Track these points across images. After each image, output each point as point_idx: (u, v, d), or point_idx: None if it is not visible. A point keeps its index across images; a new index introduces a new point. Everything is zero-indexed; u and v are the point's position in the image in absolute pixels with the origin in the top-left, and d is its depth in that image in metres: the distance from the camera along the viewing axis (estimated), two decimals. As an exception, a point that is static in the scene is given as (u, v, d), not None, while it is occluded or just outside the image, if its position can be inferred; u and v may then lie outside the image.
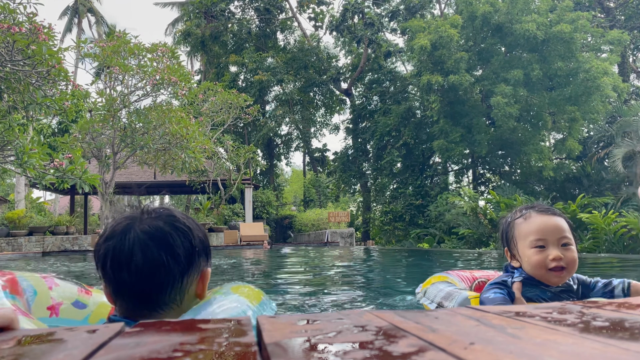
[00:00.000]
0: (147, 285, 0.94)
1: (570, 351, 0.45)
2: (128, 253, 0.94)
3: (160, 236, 0.96)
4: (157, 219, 0.99)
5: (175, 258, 0.95)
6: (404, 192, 20.31)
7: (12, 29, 6.76)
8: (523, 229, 1.50)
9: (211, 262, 1.08)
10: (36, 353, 0.50)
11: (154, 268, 0.94)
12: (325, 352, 0.47)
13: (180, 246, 0.96)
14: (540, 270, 1.47)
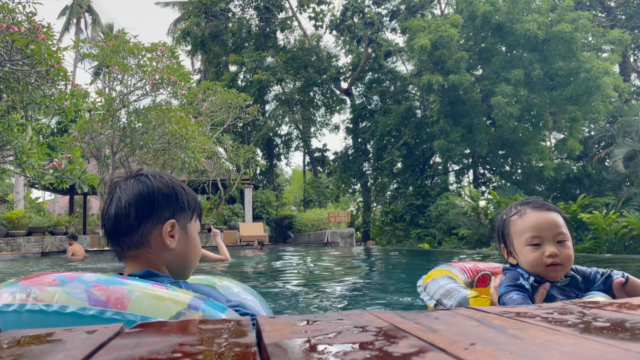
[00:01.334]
0: (115, 228, 1.17)
1: (571, 352, 0.45)
2: (107, 206, 1.20)
3: (127, 189, 1.19)
4: (132, 178, 1.22)
5: (135, 206, 1.16)
6: (404, 192, 20.31)
7: (11, 28, 6.76)
8: (518, 226, 1.50)
9: (187, 218, 1.24)
10: (36, 353, 0.50)
11: (119, 214, 1.17)
12: (325, 353, 0.47)
13: (140, 197, 1.17)
14: (537, 267, 1.47)
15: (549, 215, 1.47)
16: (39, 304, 0.92)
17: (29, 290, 0.95)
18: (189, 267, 1.28)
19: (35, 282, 0.98)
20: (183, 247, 1.23)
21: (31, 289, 0.95)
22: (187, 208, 1.25)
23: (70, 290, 0.94)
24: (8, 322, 0.91)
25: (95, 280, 0.97)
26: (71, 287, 0.95)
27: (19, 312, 0.92)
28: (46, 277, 0.99)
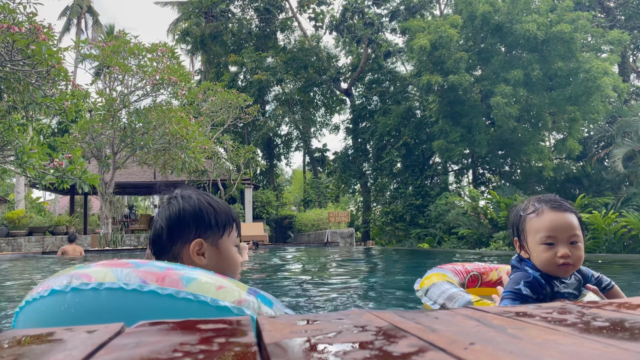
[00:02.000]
0: (154, 249, 1.28)
1: (570, 351, 0.45)
2: (151, 229, 1.31)
3: (162, 213, 1.29)
4: (167, 202, 1.31)
5: (167, 229, 1.25)
6: (404, 192, 20.31)
7: (12, 28, 6.76)
8: (534, 224, 1.51)
9: (216, 236, 1.29)
10: (36, 353, 0.50)
11: (155, 236, 1.28)
12: (325, 352, 0.47)
13: (169, 220, 1.26)
14: (549, 266, 1.49)
15: (565, 216, 1.47)
16: (117, 282, 0.94)
17: (106, 271, 0.98)
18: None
19: (111, 264, 1.01)
20: (215, 263, 1.27)
21: (108, 269, 0.98)
22: (216, 225, 1.29)
23: (145, 271, 0.98)
24: (85, 300, 0.94)
25: (167, 265, 1.03)
26: (146, 268, 0.99)
27: (97, 289, 0.94)
28: (121, 261, 1.03)
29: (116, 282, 0.95)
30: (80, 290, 0.94)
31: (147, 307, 0.94)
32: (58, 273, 1.03)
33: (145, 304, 0.94)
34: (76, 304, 0.94)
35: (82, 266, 1.03)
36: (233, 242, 1.33)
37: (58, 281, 0.98)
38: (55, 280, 0.99)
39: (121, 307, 0.93)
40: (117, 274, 0.97)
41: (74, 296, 0.95)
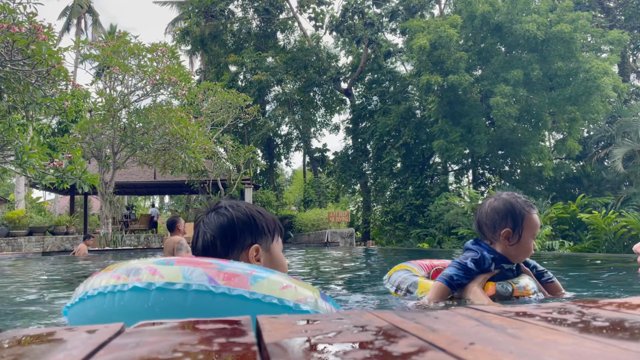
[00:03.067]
0: (198, 250, 1.30)
1: (570, 351, 0.45)
2: (195, 240, 1.32)
3: (210, 223, 1.30)
4: (213, 212, 1.33)
5: (220, 238, 1.28)
6: (404, 192, 20.30)
7: (12, 28, 6.76)
8: (533, 222, 1.84)
9: (267, 241, 1.33)
10: (36, 353, 0.50)
11: (207, 247, 1.29)
12: (325, 352, 0.47)
13: (222, 229, 1.28)
14: (528, 253, 1.88)
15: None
16: (206, 285, 0.93)
17: (192, 271, 0.96)
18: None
19: (196, 263, 0.98)
20: (269, 267, 1.29)
21: (194, 270, 0.96)
22: (267, 231, 1.35)
23: (234, 272, 0.98)
24: (173, 301, 0.92)
25: (250, 266, 1.04)
26: (233, 268, 0.99)
27: (185, 291, 0.93)
28: (206, 260, 1.02)
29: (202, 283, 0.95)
30: (165, 290, 0.93)
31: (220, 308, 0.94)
32: (125, 266, 1.02)
33: (218, 305, 0.94)
34: (161, 303, 0.93)
35: (162, 261, 1.01)
36: (280, 247, 1.39)
37: (137, 276, 0.96)
38: (135, 275, 0.97)
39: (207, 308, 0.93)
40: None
41: (159, 295, 0.93)
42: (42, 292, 3.49)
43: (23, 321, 2.18)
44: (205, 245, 1.29)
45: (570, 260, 5.81)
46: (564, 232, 11.66)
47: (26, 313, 2.42)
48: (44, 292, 3.48)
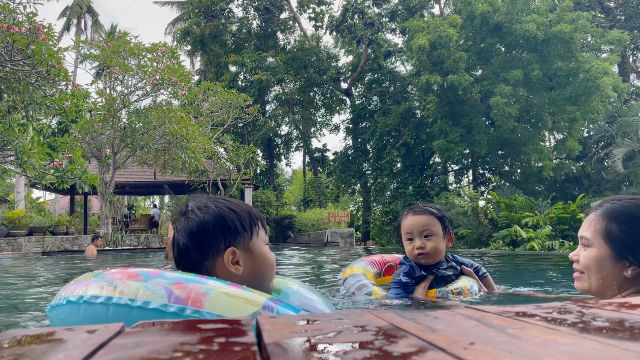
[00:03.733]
0: (183, 268, 1.20)
1: (570, 351, 0.45)
2: (172, 246, 1.24)
3: (181, 230, 1.21)
4: (184, 215, 1.23)
5: (192, 245, 1.19)
6: (404, 192, 20.31)
7: (12, 28, 6.76)
8: (402, 226, 1.99)
9: (245, 240, 1.23)
10: (36, 353, 0.50)
11: (181, 255, 1.21)
12: (325, 352, 0.47)
13: (193, 236, 1.19)
14: (411, 256, 1.97)
15: (419, 217, 1.94)
16: (124, 298, 0.95)
17: (115, 284, 0.98)
18: (266, 281, 1.27)
19: (121, 276, 1.01)
20: (252, 267, 1.23)
21: (117, 282, 0.99)
22: (243, 229, 1.23)
23: (152, 287, 0.97)
24: (95, 313, 0.96)
25: (176, 278, 1.00)
26: (153, 283, 0.97)
27: (106, 304, 0.96)
28: (131, 271, 1.02)
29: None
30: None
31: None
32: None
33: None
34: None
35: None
36: (263, 240, 1.28)
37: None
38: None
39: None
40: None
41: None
42: (42, 292, 3.50)
43: (23, 321, 2.18)
44: (180, 254, 1.21)
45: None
46: (564, 232, 11.66)
47: (26, 312, 2.42)
48: (44, 292, 3.48)
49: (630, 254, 1.33)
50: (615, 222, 1.35)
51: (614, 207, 1.39)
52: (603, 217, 1.39)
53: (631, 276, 1.34)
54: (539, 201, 13.47)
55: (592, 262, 1.40)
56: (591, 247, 1.41)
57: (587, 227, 1.43)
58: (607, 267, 1.37)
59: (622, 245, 1.33)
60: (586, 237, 1.42)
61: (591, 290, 1.44)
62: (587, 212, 1.47)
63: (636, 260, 1.33)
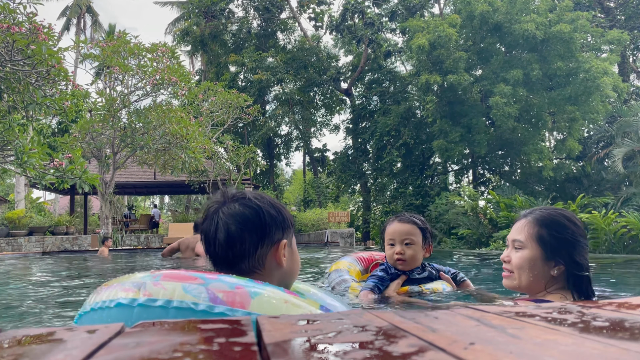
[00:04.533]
0: (228, 255, 1.17)
1: (570, 351, 0.45)
2: (214, 231, 1.18)
3: (236, 215, 1.18)
4: (235, 202, 1.21)
5: (249, 232, 1.17)
6: (404, 192, 20.30)
7: (12, 28, 6.76)
8: (386, 231, 2.15)
9: (290, 234, 1.27)
10: (36, 353, 0.50)
11: (232, 241, 1.17)
12: (325, 352, 0.47)
13: (251, 222, 1.17)
14: (390, 260, 2.14)
15: (402, 225, 2.10)
16: (186, 301, 0.92)
17: (174, 287, 0.94)
18: (293, 280, 1.31)
19: (179, 278, 0.97)
20: (290, 263, 1.26)
21: (176, 285, 0.95)
22: (291, 225, 1.27)
23: (215, 291, 0.94)
24: (155, 317, 0.92)
25: (237, 282, 0.98)
26: (215, 287, 0.95)
27: (166, 307, 0.92)
28: (189, 274, 0.98)
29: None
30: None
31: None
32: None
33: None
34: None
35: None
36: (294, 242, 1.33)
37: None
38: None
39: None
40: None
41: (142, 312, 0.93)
42: (42, 293, 3.50)
43: (25, 321, 2.18)
44: (230, 239, 1.16)
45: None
46: (564, 232, 11.64)
47: (30, 312, 2.42)
48: (44, 292, 3.48)
49: (557, 255, 1.55)
50: (546, 228, 1.57)
51: (544, 215, 1.61)
52: (535, 223, 1.60)
53: (556, 275, 1.57)
54: (539, 201, 13.47)
55: (525, 262, 1.59)
56: (524, 249, 1.60)
57: (520, 231, 1.63)
58: (537, 267, 1.57)
59: (551, 248, 1.55)
60: (520, 240, 1.61)
61: (521, 287, 1.64)
62: (517, 219, 1.69)
63: (561, 261, 1.55)
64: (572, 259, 1.55)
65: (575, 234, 1.57)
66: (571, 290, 1.57)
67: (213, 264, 1.21)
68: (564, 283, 1.58)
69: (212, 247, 1.19)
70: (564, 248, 1.55)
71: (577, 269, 1.55)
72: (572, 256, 1.55)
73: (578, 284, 1.57)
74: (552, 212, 1.63)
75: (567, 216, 1.60)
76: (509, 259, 1.66)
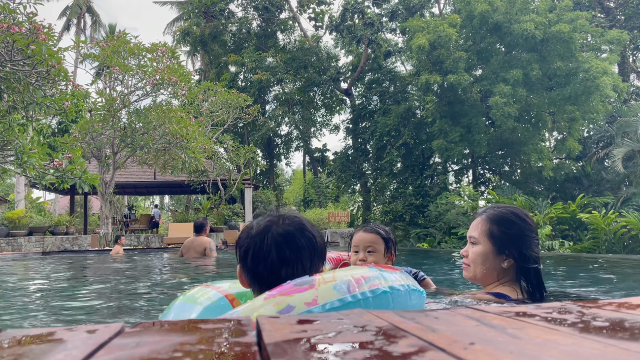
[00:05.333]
0: (277, 277, 1.19)
1: (570, 351, 0.45)
2: (266, 250, 1.20)
3: (291, 240, 1.22)
4: (290, 225, 1.25)
5: (300, 259, 1.21)
6: (404, 192, 20.30)
7: (12, 28, 6.76)
8: (353, 239, 2.24)
9: (324, 265, 1.34)
10: (36, 353, 0.50)
11: (284, 264, 1.20)
12: (325, 352, 0.47)
13: (305, 249, 1.23)
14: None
15: (366, 234, 2.20)
16: (404, 286, 1.17)
17: (395, 275, 1.20)
18: None
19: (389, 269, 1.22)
20: None
21: (383, 274, 1.17)
22: (324, 254, 1.37)
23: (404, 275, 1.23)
24: (398, 298, 1.14)
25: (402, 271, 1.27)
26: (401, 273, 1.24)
27: (402, 290, 1.16)
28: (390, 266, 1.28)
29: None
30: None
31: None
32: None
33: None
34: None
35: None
36: None
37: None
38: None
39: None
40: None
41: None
42: (45, 292, 3.50)
43: (24, 321, 2.18)
44: (283, 261, 1.21)
45: (570, 261, 5.82)
46: (564, 232, 11.66)
47: (30, 312, 2.42)
48: (48, 292, 3.48)
49: (506, 249, 1.70)
50: (496, 224, 1.72)
51: (495, 213, 1.75)
52: (487, 220, 1.75)
53: (507, 267, 1.71)
54: (539, 201, 13.47)
55: (478, 256, 1.75)
56: (478, 244, 1.75)
57: (475, 228, 1.78)
58: (489, 260, 1.72)
59: (501, 243, 1.70)
60: (474, 236, 1.77)
61: (476, 279, 1.78)
62: (475, 216, 1.83)
63: (511, 254, 1.70)
64: (520, 253, 1.68)
65: (524, 229, 1.70)
66: (520, 282, 1.71)
67: (256, 282, 1.23)
68: (515, 275, 1.72)
69: (261, 266, 1.21)
70: (513, 243, 1.69)
71: (525, 262, 1.68)
72: (521, 250, 1.68)
73: (527, 275, 1.69)
74: (503, 209, 1.76)
75: (517, 213, 1.73)
76: (467, 254, 1.81)
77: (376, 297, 1.08)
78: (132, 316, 2.24)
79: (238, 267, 1.28)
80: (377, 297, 1.08)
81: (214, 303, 1.32)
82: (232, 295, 1.36)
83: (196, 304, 1.31)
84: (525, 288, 1.69)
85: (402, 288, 1.15)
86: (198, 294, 1.36)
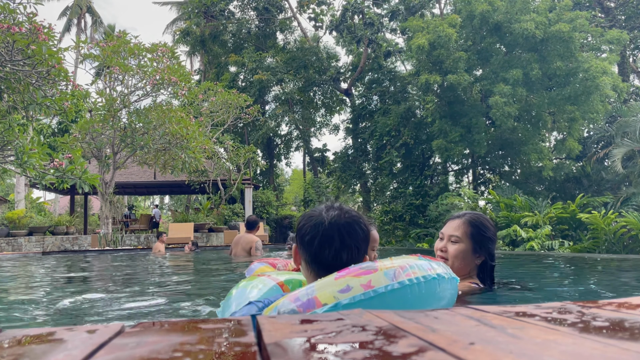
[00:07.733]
0: (340, 260, 1.39)
1: (570, 351, 0.45)
2: (331, 237, 1.40)
3: (352, 230, 1.41)
4: (350, 218, 1.44)
5: (357, 247, 1.41)
6: (404, 192, 20.30)
7: (12, 29, 6.76)
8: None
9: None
10: (36, 353, 0.50)
11: (345, 251, 1.39)
12: (325, 352, 0.47)
13: (361, 240, 1.43)
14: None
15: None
16: (447, 273, 1.32)
17: (432, 265, 1.31)
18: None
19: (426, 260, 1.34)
20: None
21: (430, 264, 1.31)
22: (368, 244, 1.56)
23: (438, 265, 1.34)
24: (430, 287, 1.25)
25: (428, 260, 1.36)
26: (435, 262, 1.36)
27: (437, 279, 1.27)
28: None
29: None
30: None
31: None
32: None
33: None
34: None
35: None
36: None
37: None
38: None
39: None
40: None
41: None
42: (49, 292, 3.49)
43: (24, 321, 2.18)
44: (345, 248, 1.39)
45: (570, 261, 5.82)
46: (564, 232, 11.65)
47: (30, 313, 2.42)
48: (51, 292, 3.48)
49: (481, 249, 2.05)
50: (476, 228, 2.07)
51: (474, 218, 2.10)
52: (468, 223, 2.08)
53: (478, 263, 2.07)
54: (539, 201, 13.47)
55: (459, 253, 2.06)
56: (460, 243, 2.07)
57: (457, 229, 2.10)
58: (468, 257, 2.06)
59: (477, 242, 2.05)
60: (457, 235, 2.08)
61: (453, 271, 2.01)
62: (451, 218, 2.18)
63: (483, 253, 2.06)
64: (489, 252, 2.06)
65: (493, 233, 2.10)
66: (477, 275, 2.08)
67: (316, 264, 1.42)
68: (477, 269, 2.08)
69: (326, 251, 1.40)
70: (486, 243, 2.06)
71: (491, 259, 2.08)
72: (490, 250, 2.06)
73: (485, 270, 2.08)
74: (479, 215, 2.13)
75: (488, 219, 2.12)
76: (445, 249, 2.11)
77: (424, 283, 1.22)
78: (132, 316, 2.24)
79: (294, 246, 1.51)
80: (426, 283, 1.23)
81: (270, 288, 1.57)
82: (282, 281, 1.63)
83: (254, 289, 1.57)
84: (480, 280, 2.04)
85: (446, 275, 1.30)
86: (256, 281, 1.64)
